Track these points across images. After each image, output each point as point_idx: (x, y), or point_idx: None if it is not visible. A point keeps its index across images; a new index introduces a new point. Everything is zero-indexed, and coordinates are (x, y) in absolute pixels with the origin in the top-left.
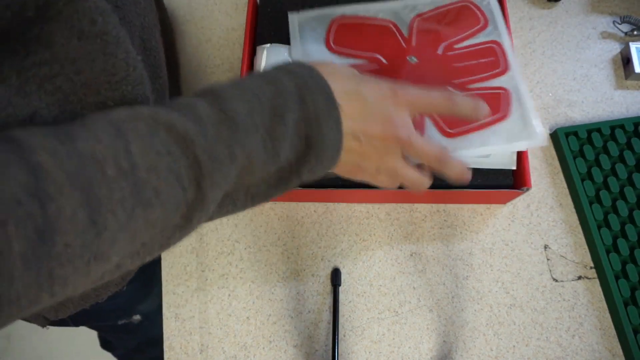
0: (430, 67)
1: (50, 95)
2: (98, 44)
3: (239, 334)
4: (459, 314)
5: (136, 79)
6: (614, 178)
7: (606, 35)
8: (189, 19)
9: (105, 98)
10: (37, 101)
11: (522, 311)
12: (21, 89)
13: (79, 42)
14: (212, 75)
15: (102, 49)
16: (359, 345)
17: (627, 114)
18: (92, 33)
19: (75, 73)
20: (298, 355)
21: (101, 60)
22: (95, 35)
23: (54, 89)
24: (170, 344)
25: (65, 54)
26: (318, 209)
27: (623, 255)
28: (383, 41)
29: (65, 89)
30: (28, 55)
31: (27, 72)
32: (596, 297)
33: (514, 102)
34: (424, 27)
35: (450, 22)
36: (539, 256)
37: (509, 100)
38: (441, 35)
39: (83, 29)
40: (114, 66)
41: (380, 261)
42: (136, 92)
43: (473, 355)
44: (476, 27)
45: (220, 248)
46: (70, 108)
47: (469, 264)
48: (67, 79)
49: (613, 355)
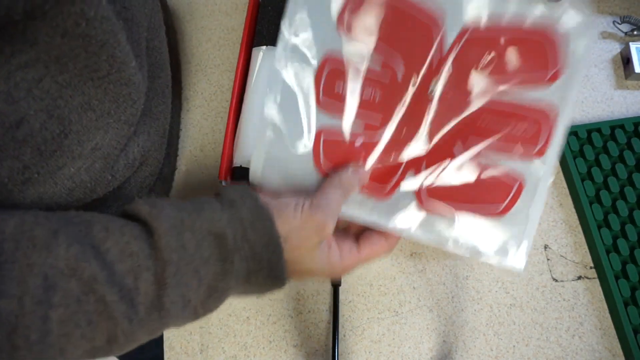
0: (449, 111)
1: (39, 101)
2: (81, 42)
3: (239, 334)
4: (459, 314)
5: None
6: (614, 178)
7: (606, 35)
8: (189, 19)
9: (89, 97)
10: (25, 107)
11: (522, 311)
12: (10, 96)
13: (62, 39)
14: (212, 76)
15: (84, 46)
16: (359, 345)
17: (627, 114)
18: (75, 33)
19: (59, 72)
20: (298, 355)
21: (83, 57)
22: (78, 35)
23: (42, 94)
24: (170, 344)
25: (49, 51)
26: None
27: (623, 255)
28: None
29: (52, 93)
30: (13, 55)
31: (15, 77)
32: (596, 297)
33: (522, 202)
34: (472, 49)
35: (511, 54)
36: (539, 256)
37: (517, 197)
38: (489, 71)
39: (67, 28)
40: (97, 64)
41: (380, 261)
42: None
43: (473, 355)
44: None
45: None
46: (58, 113)
47: (469, 264)
48: (53, 81)
49: (613, 355)
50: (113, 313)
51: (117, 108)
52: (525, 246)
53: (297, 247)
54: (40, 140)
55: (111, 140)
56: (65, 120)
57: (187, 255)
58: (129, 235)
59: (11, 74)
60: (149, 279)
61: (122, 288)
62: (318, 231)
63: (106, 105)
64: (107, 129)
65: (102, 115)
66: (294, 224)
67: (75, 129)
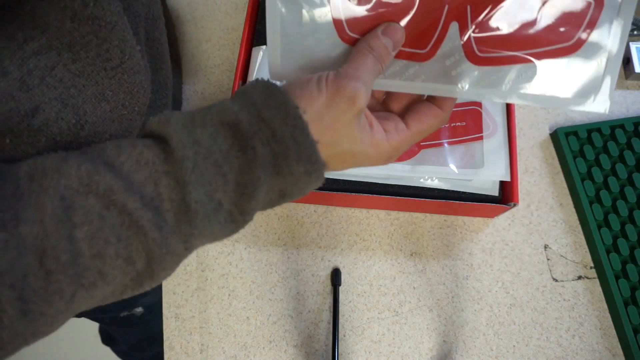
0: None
1: (52, 90)
2: (90, 26)
3: (239, 334)
4: (459, 314)
5: (132, 67)
6: (614, 178)
7: None
8: (189, 19)
9: (103, 88)
10: (39, 95)
11: (522, 311)
12: (24, 83)
13: (72, 23)
14: (212, 76)
15: (95, 32)
16: (359, 345)
17: (627, 114)
18: (84, 15)
19: (72, 61)
20: (298, 355)
21: (95, 44)
22: (87, 17)
23: (55, 83)
24: (170, 344)
25: (61, 37)
26: (318, 209)
27: (623, 255)
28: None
29: (66, 82)
30: (26, 41)
31: (28, 63)
32: (596, 297)
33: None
34: None
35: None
36: (539, 256)
37: (594, 22)
38: None
39: (75, 10)
40: (108, 51)
41: (380, 261)
42: (133, 80)
43: (473, 355)
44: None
45: (220, 248)
46: (73, 103)
47: (469, 264)
48: (65, 68)
49: (613, 355)
50: (140, 222)
51: (132, 99)
52: (608, 85)
53: (329, 126)
54: (56, 130)
55: (125, 132)
56: (80, 111)
57: (203, 149)
58: (142, 146)
59: (24, 61)
60: (170, 183)
61: (143, 196)
62: (349, 103)
63: (120, 96)
64: (122, 120)
65: (117, 107)
66: (320, 100)
67: (91, 120)
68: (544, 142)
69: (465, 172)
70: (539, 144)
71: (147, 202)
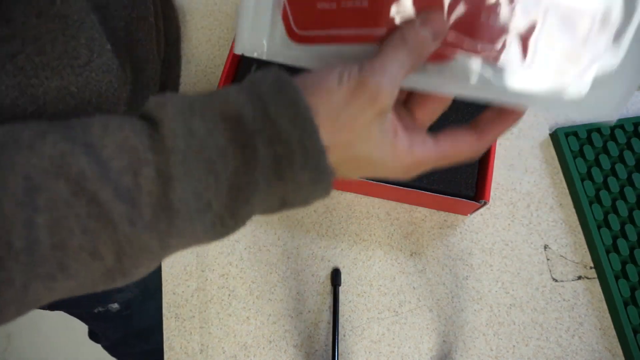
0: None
1: (11, 77)
2: (57, 23)
3: (239, 334)
4: (459, 314)
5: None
6: (613, 178)
7: None
8: (189, 19)
9: (68, 82)
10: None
11: (522, 311)
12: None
13: (37, 19)
14: (212, 76)
15: (62, 29)
16: (359, 345)
17: (627, 114)
18: (50, 13)
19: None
20: (298, 355)
21: (61, 41)
22: (54, 15)
23: (15, 70)
24: (170, 344)
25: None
26: (318, 209)
27: (623, 255)
28: None
29: (27, 70)
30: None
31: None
32: (596, 297)
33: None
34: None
35: None
36: (538, 256)
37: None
38: None
39: (41, 7)
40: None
41: (380, 261)
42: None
43: (473, 355)
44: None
45: (220, 248)
46: (31, 92)
47: (469, 264)
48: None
49: (613, 355)
50: (110, 214)
51: (99, 98)
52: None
53: (345, 125)
54: (9, 116)
55: None
56: (40, 101)
57: (197, 142)
58: (128, 130)
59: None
60: (150, 174)
61: (118, 186)
62: (371, 100)
63: (86, 94)
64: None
65: (82, 103)
66: (339, 95)
67: (52, 111)
68: (543, 143)
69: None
70: (538, 144)
71: (121, 193)
